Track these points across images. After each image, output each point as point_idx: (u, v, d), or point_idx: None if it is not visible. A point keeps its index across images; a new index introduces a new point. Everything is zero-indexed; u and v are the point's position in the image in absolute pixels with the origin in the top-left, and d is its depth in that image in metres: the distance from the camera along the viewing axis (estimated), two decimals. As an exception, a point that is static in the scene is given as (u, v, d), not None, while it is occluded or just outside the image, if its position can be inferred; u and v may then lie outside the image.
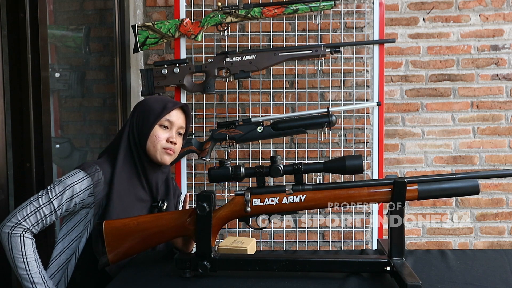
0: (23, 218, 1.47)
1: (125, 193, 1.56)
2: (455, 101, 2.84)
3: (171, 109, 1.64)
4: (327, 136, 2.70)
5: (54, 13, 2.33)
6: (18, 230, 1.46)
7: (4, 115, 1.78)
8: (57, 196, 1.50)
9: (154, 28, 2.28)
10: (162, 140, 1.62)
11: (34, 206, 1.48)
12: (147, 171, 1.63)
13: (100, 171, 1.55)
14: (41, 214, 1.48)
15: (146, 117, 1.63)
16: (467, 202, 2.87)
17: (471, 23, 2.80)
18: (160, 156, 1.62)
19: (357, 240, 2.73)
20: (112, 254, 1.33)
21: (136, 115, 1.66)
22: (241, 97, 2.70)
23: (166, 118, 1.63)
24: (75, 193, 1.51)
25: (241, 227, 2.67)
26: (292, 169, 1.29)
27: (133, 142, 1.62)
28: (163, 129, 1.63)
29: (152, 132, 1.62)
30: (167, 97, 1.75)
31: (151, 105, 1.66)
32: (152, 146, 1.61)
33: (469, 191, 1.28)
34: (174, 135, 1.64)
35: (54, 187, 1.51)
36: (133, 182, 1.60)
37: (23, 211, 1.48)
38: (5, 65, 1.79)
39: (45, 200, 1.49)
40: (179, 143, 1.67)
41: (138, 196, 1.60)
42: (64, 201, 1.50)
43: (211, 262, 1.29)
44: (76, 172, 1.54)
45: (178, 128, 1.66)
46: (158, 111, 1.63)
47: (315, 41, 2.73)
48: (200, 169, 2.77)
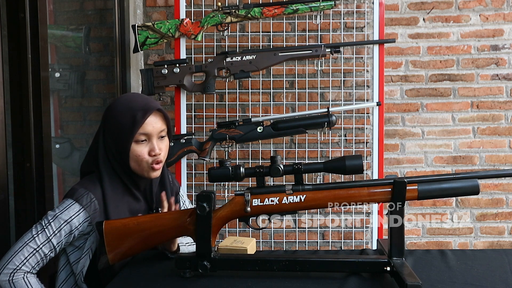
0: (22, 263, 1.37)
1: (121, 214, 1.48)
2: (455, 101, 2.84)
3: (142, 121, 1.45)
4: (327, 136, 2.70)
5: (54, 13, 2.33)
6: (18, 275, 1.37)
7: (4, 115, 1.78)
8: (55, 233, 1.40)
9: (154, 28, 2.28)
10: (145, 156, 1.46)
11: (31, 247, 1.38)
12: (138, 183, 1.52)
13: (94, 199, 1.44)
14: (41, 254, 1.39)
15: (118, 137, 1.46)
16: (467, 202, 2.87)
17: (471, 23, 2.80)
18: (148, 174, 1.49)
19: (357, 240, 2.73)
20: (112, 254, 1.33)
21: (107, 130, 1.49)
22: (241, 97, 2.69)
23: (140, 133, 1.45)
24: (74, 227, 1.42)
25: (241, 227, 2.67)
26: (292, 169, 1.29)
27: (114, 162, 1.49)
28: (141, 144, 1.46)
29: (131, 152, 1.46)
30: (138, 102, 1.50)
31: (119, 118, 1.46)
32: (137, 166, 1.48)
33: (469, 191, 1.28)
34: (155, 145, 1.47)
35: (50, 223, 1.40)
36: (125, 199, 1.51)
37: (20, 255, 1.37)
38: (5, 65, 1.78)
39: (43, 239, 1.39)
40: (164, 148, 1.52)
41: (132, 210, 1.52)
42: (64, 237, 1.41)
43: (211, 262, 1.29)
44: (71, 204, 1.43)
45: (158, 133, 1.49)
46: (128, 127, 1.45)
47: (315, 41, 2.73)
48: (200, 169, 2.77)
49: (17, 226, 1.83)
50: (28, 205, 1.87)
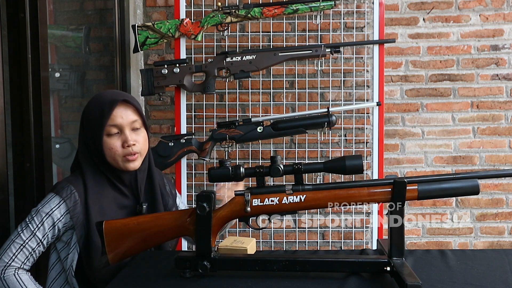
0: (11, 259, 1.39)
1: (105, 207, 1.48)
2: (455, 101, 2.84)
3: (108, 113, 1.45)
4: (327, 136, 2.70)
5: (54, 13, 2.33)
6: (9, 272, 1.38)
7: (4, 115, 1.78)
8: (38, 227, 1.42)
9: (154, 28, 2.28)
10: (118, 149, 1.47)
11: (17, 243, 1.40)
12: (121, 177, 1.52)
13: (75, 191, 1.45)
14: (28, 249, 1.41)
15: (91, 130, 1.48)
16: (467, 202, 2.87)
17: (471, 23, 2.80)
18: (124, 165, 1.49)
19: (357, 240, 2.73)
20: (112, 254, 1.32)
21: (83, 128, 1.52)
22: (241, 97, 2.69)
23: (109, 124, 1.46)
24: (56, 219, 1.43)
25: (241, 227, 2.67)
26: (292, 169, 1.28)
27: (95, 157, 1.50)
28: (113, 137, 1.47)
29: (104, 145, 1.47)
30: (106, 96, 1.51)
31: (91, 114, 1.49)
32: (112, 159, 1.48)
33: (469, 191, 1.28)
34: (128, 137, 1.47)
35: (32, 218, 1.43)
36: (109, 193, 1.51)
37: (8, 252, 1.39)
38: (5, 65, 1.78)
39: (28, 234, 1.41)
40: (140, 140, 1.51)
41: (120, 205, 1.52)
42: (48, 230, 1.43)
43: (211, 262, 1.29)
44: (51, 197, 1.45)
45: (130, 124, 1.49)
46: (97, 120, 1.46)
47: (315, 41, 2.73)
48: (200, 169, 2.77)
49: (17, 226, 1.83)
50: (28, 205, 1.87)
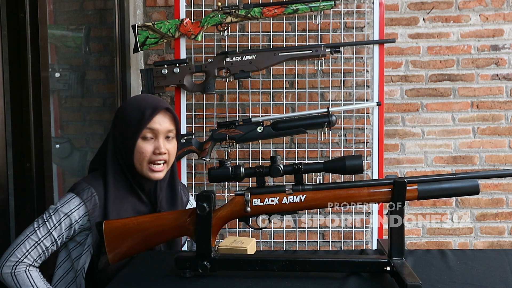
0: (24, 255, 1.39)
1: (122, 212, 1.48)
2: (455, 101, 2.84)
3: (150, 118, 1.47)
4: (327, 136, 2.70)
5: (54, 13, 2.33)
6: (20, 268, 1.38)
7: (4, 115, 1.78)
8: (56, 226, 1.42)
9: (154, 28, 2.28)
10: (148, 154, 1.47)
11: (33, 240, 1.40)
12: (142, 183, 1.52)
13: (95, 194, 1.45)
14: (42, 247, 1.41)
15: (126, 131, 1.48)
16: (467, 202, 2.87)
17: (471, 23, 2.80)
18: (147, 173, 1.49)
19: (357, 240, 2.73)
20: (112, 254, 1.33)
21: (116, 128, 1.52)
22: (241, 97, 2.69)
23: (148, 128, 1.47)
24: (74, 221, 1.44)
25: (241, 227, 2.67)
26: (292, 169, 1.28)
27: (120, 157, 1.50)
28: (147, 141, 1.48)
29: (136, 148, 1.47)
30: (147, 100, 1.53)
31: (129, 115, 1.49)
32: (138, 164, 1.48)
33: (469, 191, 1.28)
34: (161, 144, 1.49)
35: (50, 217, 1.43)
36: (129, 199, 1.51)
37: (22, 248, 1.39)
38: (5, 65, 1.78)
39: (44, 232, 1.41)
40: (171, 150, 1.53)
41: (137, 211, 1.52)
42: (64, 230, 1.43)
43: (211, 262, 1.28)
44: (71, 198, 1.45)
45: (166, 133, 1.51)
46: (136, 122, 1.47)
47: (315, 41, 2.73)
48: (200, 169, 2.77)
49: (17, 226, 1.83)
50: (28, 205, 1.87)
